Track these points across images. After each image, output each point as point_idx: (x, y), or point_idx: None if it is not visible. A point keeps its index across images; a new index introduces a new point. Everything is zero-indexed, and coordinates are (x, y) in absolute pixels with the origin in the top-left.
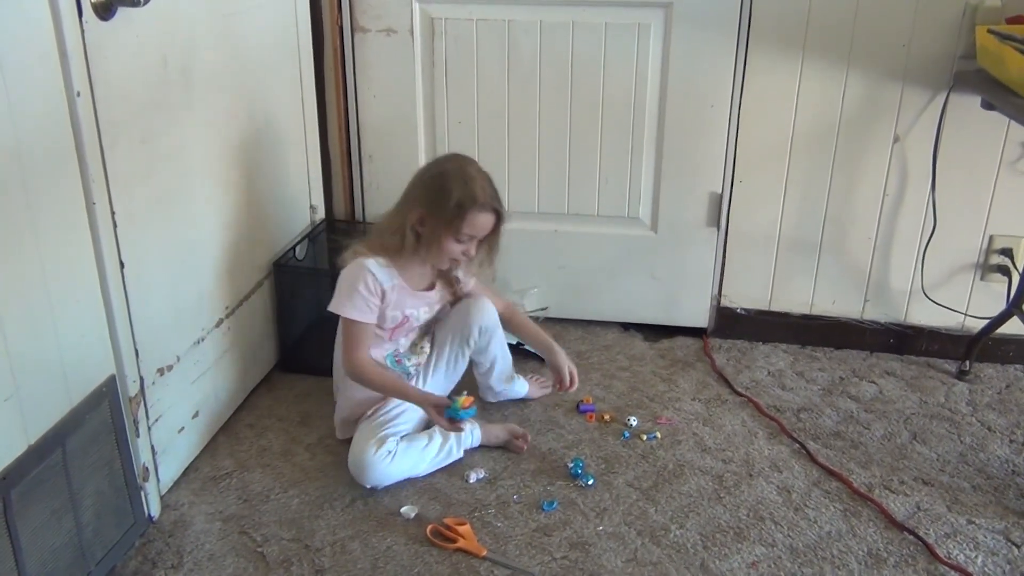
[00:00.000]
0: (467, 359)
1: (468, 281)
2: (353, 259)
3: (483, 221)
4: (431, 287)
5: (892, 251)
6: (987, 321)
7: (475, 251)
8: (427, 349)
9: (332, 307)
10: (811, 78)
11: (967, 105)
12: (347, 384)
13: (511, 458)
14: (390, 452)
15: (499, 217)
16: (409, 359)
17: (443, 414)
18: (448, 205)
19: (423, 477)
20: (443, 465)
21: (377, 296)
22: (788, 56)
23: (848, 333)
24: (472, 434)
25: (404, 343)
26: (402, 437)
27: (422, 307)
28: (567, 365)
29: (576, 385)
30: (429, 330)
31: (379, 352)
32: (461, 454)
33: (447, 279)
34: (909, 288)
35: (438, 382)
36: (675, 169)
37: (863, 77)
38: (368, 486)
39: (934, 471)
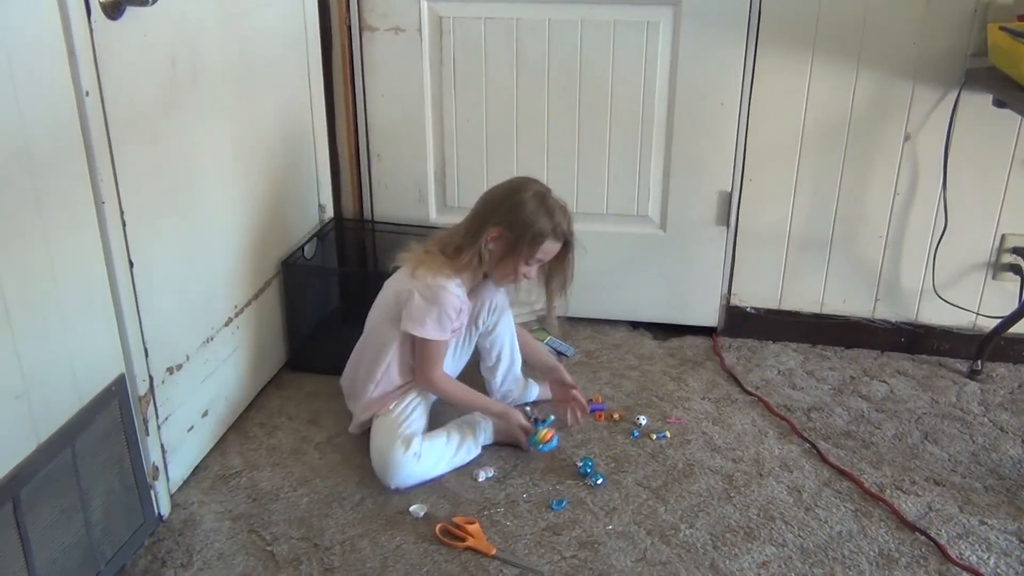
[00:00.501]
0: (473, 343)
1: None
2: (425, 278)
3: (553, 248)
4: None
5: (903, 250)
6: (999, 320)
7: (534, 273)
8: None
9: (423, 333)
10: (821, 76)
11: (978, 103)
12: (365, 390)
13: (520, 457)
14: (416, 453)
15: (569, 247)
16: None
17: (526, 436)
18: (528, 232)
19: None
20: (462, 464)
21: (457, 315)
22: (798, 53)
23: (859, 332)
24: (486, 431)
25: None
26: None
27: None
28: (571, 383)
29: (585, 414)
30: None
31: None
32: (479, 451)
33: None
34: (920, 287)
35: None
36: (684, 167)
37: (873, 75)
38: (392, 487)
39: (946, 471)
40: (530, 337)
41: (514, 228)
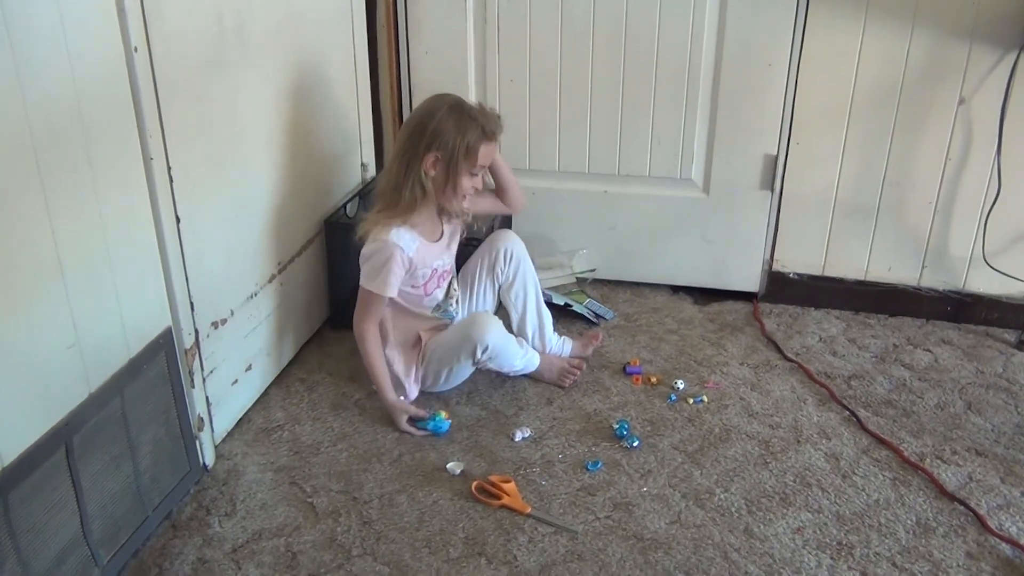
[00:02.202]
0: (495, 294)
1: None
2: (374, 233)
3: (491, 150)
4: (442, 233)
5: (953, 216)
6: None
7: (480, 183)
8: (457, 288)
9: (373, 287)
10: (873, 36)
11: None
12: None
13: (556, 417)
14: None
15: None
16: (449, 304)
17: (415, 424)
18: (461, 146)
19: (471, 425)
20: (525, 371)
21: (405, 267)
22: (850, 12)
23: (904, 300)
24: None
25: (439, 293)
26: None
27: (444, 255)
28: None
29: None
30: (454, 270)
31: (423, 309)
32: (534, 368)
33: (448, 214)
34: (969, 255)
35: (460, 306)
36: (729, 130)
37: (928, 35)
38: (489, 342)
39: (988, 442)
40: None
41: (445, 148)
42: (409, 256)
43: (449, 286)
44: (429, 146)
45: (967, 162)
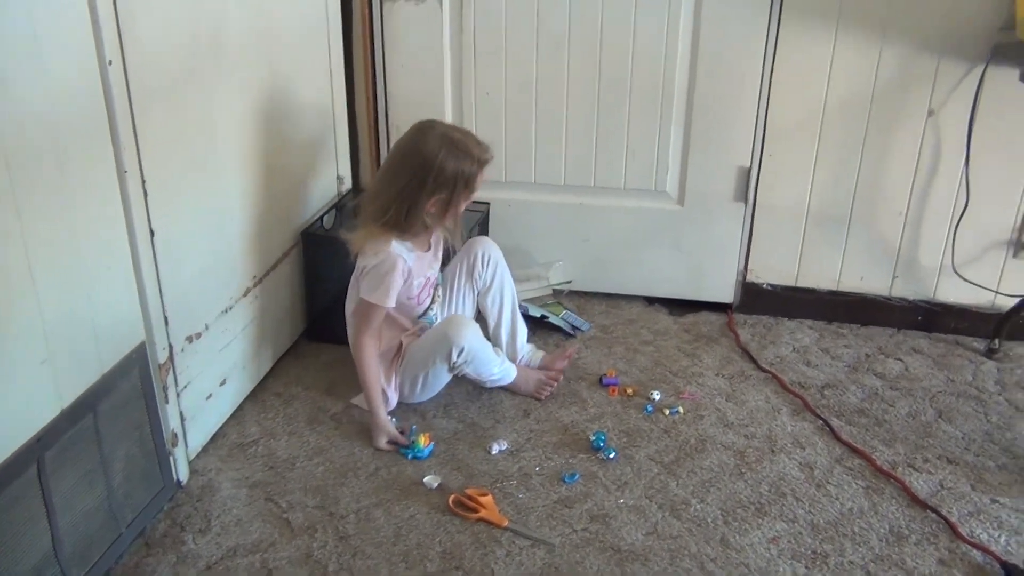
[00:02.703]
0: (474, 299)
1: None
2: (371, 246)
3: (483, 176)
4: (430, 244)
5: (923, 227)
6: (1018, 299)
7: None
8: (440, 294)
9: (375, 298)
10: (844, 49)
11: (1005, 78)
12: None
13: (533, 430)
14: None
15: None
16: (431, 309)
17: (395, 447)
18: (460, 181)
19: (448, 438)
20: (501, 382)
21: (404, 277)
22: (821, 26)
23: (875, 310)
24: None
25: (428, 301)
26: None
27: (434, 263)
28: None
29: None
30: (440, 277)
31: (411, 317)
32: (510, 380)
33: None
34: (939, 265)
35: (439, 309)
36: (703, 142)
37: (898, 49)
38: (464, 344)
39: (959, 450)
40: None
41: (446, 185)
42: (409, 266)
43: (435, 292)
44: (433, 192)
45: (936, 173)
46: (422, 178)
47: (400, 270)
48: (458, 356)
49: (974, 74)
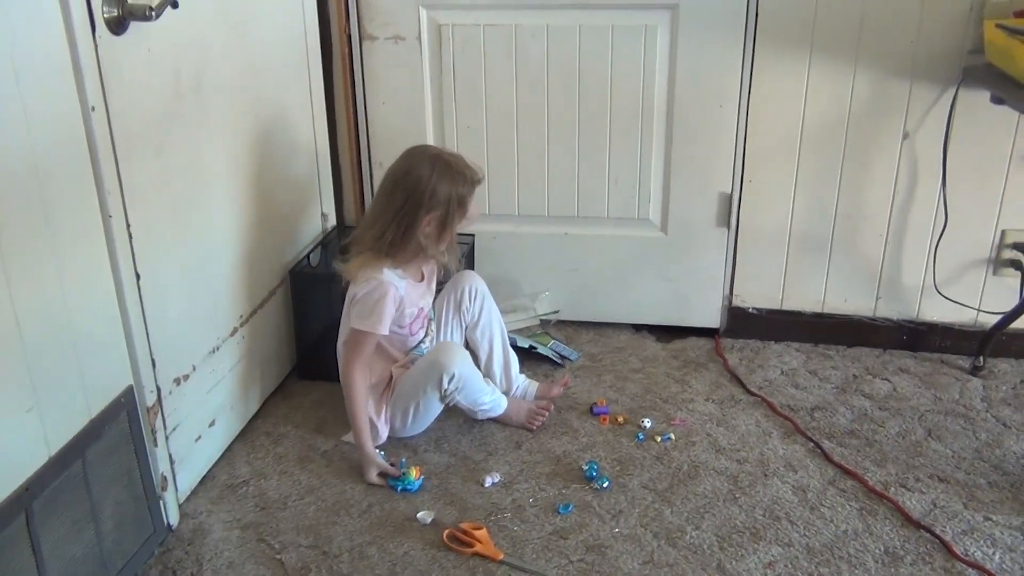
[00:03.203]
0: (463, 333)
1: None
2: (362, 274)
3: (475, 196)
4: (423, 275)
5: (904, 248)
6: (1000, 316)
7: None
8: (433, 328)
9: (366, 326)
10: (819, 76)
11: (976, 100)
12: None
13: (526, 461)
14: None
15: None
16: (423, 342)
17: (386, 480)
18: (456, 198)
19: (440, 472)
20: (492, 412)
21: (396, 304)
22: (795, 54)
23: (861, 331)
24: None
25: (421, 332)
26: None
27: (427, 294)
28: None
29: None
30: (432, 310)
31: (403, 349)
32: (501, 411)
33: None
34: (921, 284)
35: (430, 341)
36: (684, 170)
37: (871, 74)
38: (455, 369)
39: (950, 468)
40: None
41: (440, 207)
42: (401, 295)
43: (428, 326)
44: (429, 210)
45: (914, 194)
46: (417, 199)
47: (392, 297)
48: (449, 383)
49: (946, 97)
